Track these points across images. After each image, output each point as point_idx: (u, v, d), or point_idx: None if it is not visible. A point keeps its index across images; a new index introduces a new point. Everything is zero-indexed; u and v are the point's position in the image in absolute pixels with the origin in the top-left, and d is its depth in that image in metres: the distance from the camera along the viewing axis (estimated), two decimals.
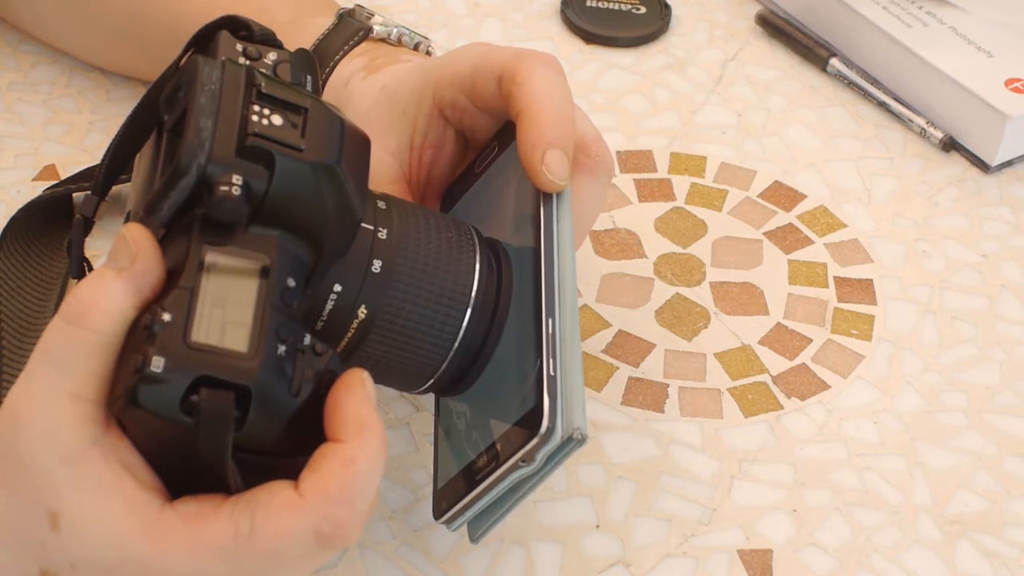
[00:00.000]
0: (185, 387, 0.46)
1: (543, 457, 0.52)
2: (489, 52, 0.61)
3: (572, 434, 0.51)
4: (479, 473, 0.53)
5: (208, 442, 0.47)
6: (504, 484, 0.53)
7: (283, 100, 0.51)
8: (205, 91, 0.50)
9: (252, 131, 0.50)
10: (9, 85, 0.80)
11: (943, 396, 0.69)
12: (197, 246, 0.49)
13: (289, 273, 0.50)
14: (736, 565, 0.62)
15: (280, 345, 0.48)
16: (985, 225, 0.78)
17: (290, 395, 0.48)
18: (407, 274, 0.54)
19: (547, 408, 0.51)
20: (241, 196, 0.49)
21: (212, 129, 0.49)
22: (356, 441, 0.48)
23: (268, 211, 0.50)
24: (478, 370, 0.56)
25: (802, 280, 0.74)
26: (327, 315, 0.54)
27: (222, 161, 0.49)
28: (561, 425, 0.51)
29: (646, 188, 0.78)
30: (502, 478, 0.52)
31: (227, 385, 0.47)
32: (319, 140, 0.51)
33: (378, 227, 0.54)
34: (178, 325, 0.47)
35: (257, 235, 0.50)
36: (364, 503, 0.48)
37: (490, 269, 0.56)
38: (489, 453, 0.53)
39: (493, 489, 0.53)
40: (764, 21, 0.89)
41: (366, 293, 0.54)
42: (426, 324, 0.55)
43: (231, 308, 0.48)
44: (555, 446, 0.52)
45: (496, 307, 0.56)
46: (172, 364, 0.46)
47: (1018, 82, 0.81)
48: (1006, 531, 0.64)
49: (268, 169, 0.49)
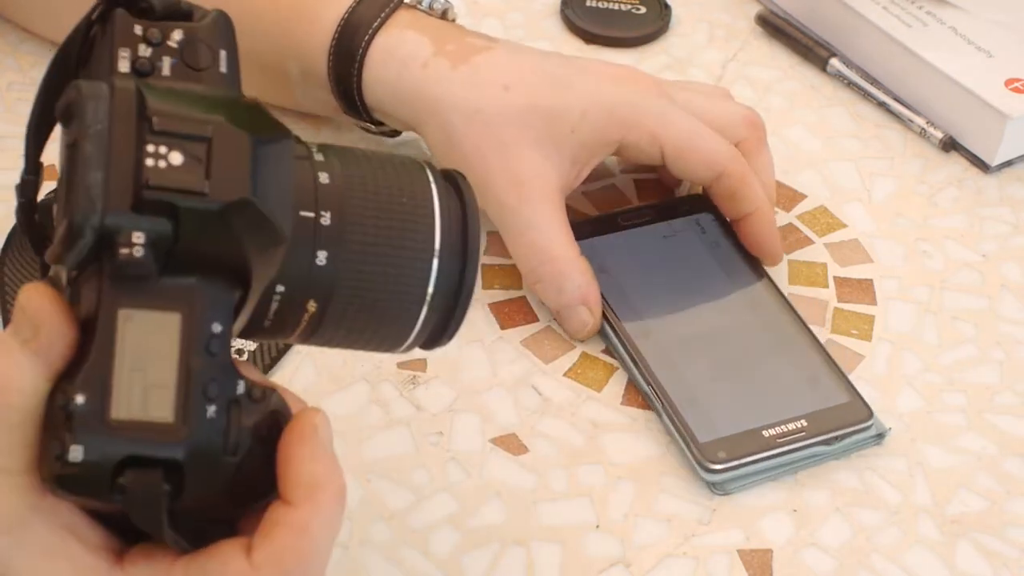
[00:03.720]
0: (110, 471, 0.44)
1: (850, 443, 0.66)
2: (702, 145, 0.71)
3: (883, 431, 0.67)
4: (776, 439, 0.64)
5: (141, 520, 0.45)
6: (800, 455, 0.65)
7: (181, 134, 0.45)
8: (91, 135, 0.45)
9: (147, 181, 0.45)
10: (9, 85, 0.80)
11: (943, 396, 0.69)
12: (108, 304, 0.45)
13: (214, 318, 0.46)
14: (736, 565, 0.62)
15: (209, 406, 0.45)
16: (985, 225, 0.78)
17: (226, 455, 0.46)
18: (357, 259, 0.50)
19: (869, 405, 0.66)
20: (145, 255, 0.45)
21: (103, 183, 0.44)
22: (308, 505, 0.46)
23: (180, 260, 0.46)
24: (461, 312, 0.52)
25: (802, 280, 0.74)
26: (272, 315, 0.49)
27: (118, 218, 0.44)
28: (876, 421, 0.66)
29: (646, 188, 0.78)
30: (803, 449, 0.65)
31: (154, 461, 0.45)
32: (226, 175, 0.46)
33: (320, 211, 0.49)
34: (95, 403, 0.44)
35: (172, 285, 0.46)
36: (320, 565, 0.47)
37: (451, 211, 0.51)
38: (788, 426, 0.65)
39: (787, 456, 0.65)
40: (764, 21, 0.89)
41: (313, 287, 0.49)
42: (384, 300, 0.50)
43: (151, 370, 0.45)
44: (868, 436, 0.66)
45: (465, 245, 0.51)
46: (92, 450, 0.44)
47: (1018, 82, 0.81)
48: (1006, 531, 0.64)
49: (171, 219, 0.45)
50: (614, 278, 0.71)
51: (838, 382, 0.67)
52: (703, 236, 0.74)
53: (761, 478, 0.65)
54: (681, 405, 0.66)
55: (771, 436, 0.65)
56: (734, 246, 0.73)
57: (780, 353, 0.69)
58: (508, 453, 0.65)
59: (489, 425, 0.66)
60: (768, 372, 0.68)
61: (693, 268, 0.72)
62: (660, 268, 0.72)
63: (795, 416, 0.66)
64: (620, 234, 0.73)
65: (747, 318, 0.70)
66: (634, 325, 0.69)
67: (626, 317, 0.69)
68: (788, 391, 0.67)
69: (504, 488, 0.64)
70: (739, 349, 0.69)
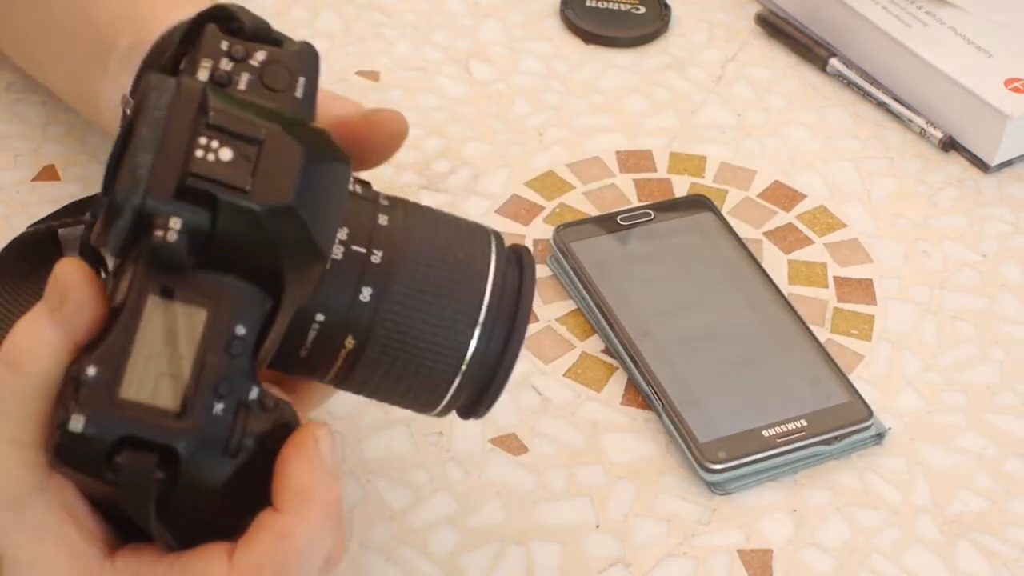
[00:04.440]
0: (108, 446, 0.45)
1: (850, 443, 0.65)
2: None
3: (883, 431, 0.67)
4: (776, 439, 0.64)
5: (131, 504, 0.45)
6: (800, 454, 0.65)
7: (235, 132, 0.46)
8: (149, 120, 0.46)
9: (193, 170, 0.45)
10: (8, 85, 0.80)
11: (943, 396, 0.69)
12: (139, 288, 0.46)
13: (239, 320, 0.46)
14: (736, 565, 0.62)
15: (218, 403, 0.45)
16: (985, 225, 0.78)
17: (225, 456, 0.46)
18: (401, 303, 0.49)
19: (870, 406, 0.66)
20: (179, 241, 0.45)
21: (150, 166, 0.45)
22: (294, 514, 0.46)
23: (215, 254, 0.46)
24: (499, 387, 0.52)
25: (802, 280, 0.74)
26: (310, 344, 0.49)
27: (159, 202, 0.45)
28: (876, 421, 0.66)
29: (646, 188, 0.78)
30: (802, 448, 0.64)
31: (152, 446, 0.45)
32: (271, 179, 0.46)
33: (372, 249, 0.49)
34: (106, 378, 0.45)
35: (205, 279, 0.46)
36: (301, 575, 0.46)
37: (505, 284, 0.51)
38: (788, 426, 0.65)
39: (787, 456, 0.64)
40: (764, 21, 0.89)
41: (353, 323, 0.49)
42: (422, 350, 0.50)
43: (168, 360, 0.45)
44: (868, 436, 0.66)
45: (515, 319, 0.51)
46: (94, 422, 0.44)
47: (1018, 82, 0.81)
48: (1006, 531, 0.64)
49: (211, 211, 0.45)
50: (614, 278, 0.71)
51: (838, 382, 0.67)
52: (703, 236, 0.74)
53: (761, 478, 0.65)
54: (681, 405, 0.66)
55: (771, 436, 0.65)
56: (734, 246, 0.73)
57: (780, 353, 0.69)
58: (508, 453, 0.65)
59: (489, 425, 0.66)
60: (768, 372, 0.68)
61: (693, 268, 0.72)
62: (660, 268, 0.72)
63: (795, 416, 0.66)
64: (620, 234, 0.73)
65: (747, 318, 0.70)
66: (634, 325, 0.69)
67: (626, 317, 0.69)
68: (788, 391, 0.67)
69: (504, 488, 0.64)
70: (739, 349, 0.69)
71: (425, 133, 0.80)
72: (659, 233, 0.74)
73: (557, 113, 0.83)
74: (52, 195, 0.75)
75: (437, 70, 0.85)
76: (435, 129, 0.81)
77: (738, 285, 0.72)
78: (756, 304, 0.71)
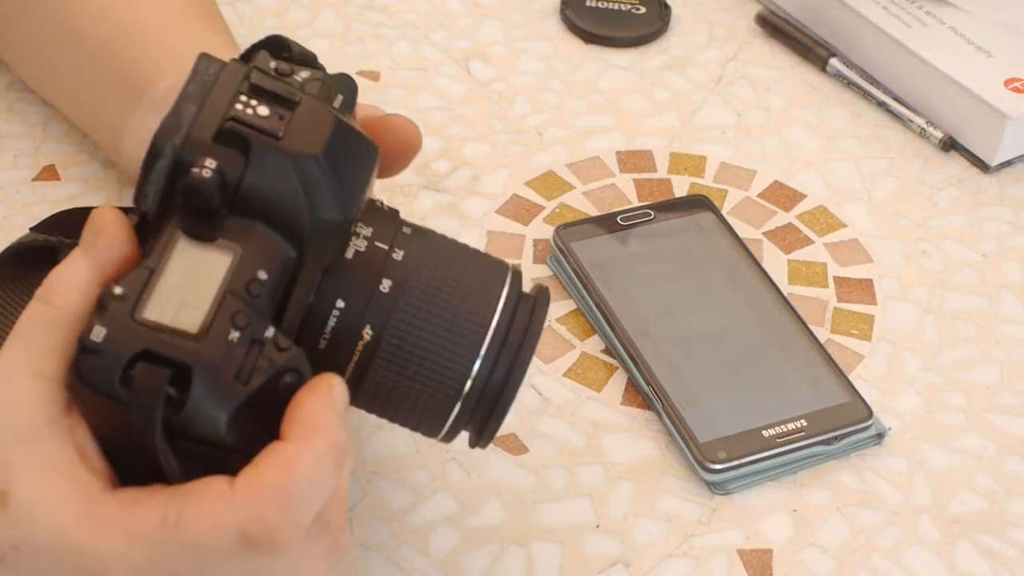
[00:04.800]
0: (125, 361, 0.46)
1: (850, 443, 0.66)
2: None
3: (883, 431, 0.67)
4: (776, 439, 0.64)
5: (138, 418, 0.46)
6: (800, 454, 0.65)
7: (274, 93, 0.50)
8: (196, 81, 0.50)
9: (231, 116, 0.49)
10: (9, 85, 0.80)
11: (943, 396, 0.69)
12: (171, 229, 0.48)
13: (261, 264, 0.48)
14: (736, 565, 0.62)
15: (234, 331, 0.47)
16: (985, 225, 0.78)
17: (236, 381, 0.47)
18: (418, 297, 0.52)
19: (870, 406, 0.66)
20: (213, 180, 0.48)
21: (194, 114, 0.49)
22: (301, 442, 0.47)
23: (244, 200, 0.49)
24: (500, 414, 0.53)
25: (802, 280, 0.74)
26: (330, 332, 0.51)
27: (197, 144, 0.49)
28: (877, 421, 0.66)
29: (646, 188, 0.78)
30: (803, 448, 0.65)
31: (167, 362, 0.46)
32: (302, 132, 0.49)
33: (394, 248, 0.52)
34: (129, 300, 0.47)
35: (233, 224, 0.49)
36: (301, 510, 0.46)
37: (515, 310, 0.53)
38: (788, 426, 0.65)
39: (787, 456, 0.64)
40: (764, 21, 0.89)
41: (372, 313, 0.51)
42: (434, 353, 0.52)
43: (190, 292, 0.47)
44: (868, 436, 0.66)
45: (520, 349, 0.53)
46: (113, 336, 0.46)
47: (1018, 82, 0.81)
48: (1006, 531, 0.64)
49: (244, 155, 0.49)
50: (614, 278, 0.71)
51: (838, 382, 0.67)
52: (703, 236, 0.74)
53: (761, 478, 0.65)
54: (681, 405, 0.66)
55: (771, 436, 0.65)
56: (734, 246, 0.73)
57: (780, 353, 0.69)
58: (508, 453, 0.65)
59: None
60: (768, 372, 0.68)
61: (693, 268, 0.72)
62: (660, 268, 0.72)
63: (795, 416, 0.66)
64: (620, 234, 0.74)
65: (747, 318, 0.70)
66: (634, 325, 0.69)
67: (626, 317, 0.69)
68: (788, 391, 0.67)
69: (504, 488, 0.64)
70: (739, 349, 0.69)
71: (425, 133, 0.80)
72: (659, 233, 0.74)
73: (557, 113, 0.83)
74: (52, 195, 0.75)
75: (437, 70, 0.85)
76: (435, 129, 0.81)
77: (738, 285, 0.72)
78: (756, 304, 0.71)
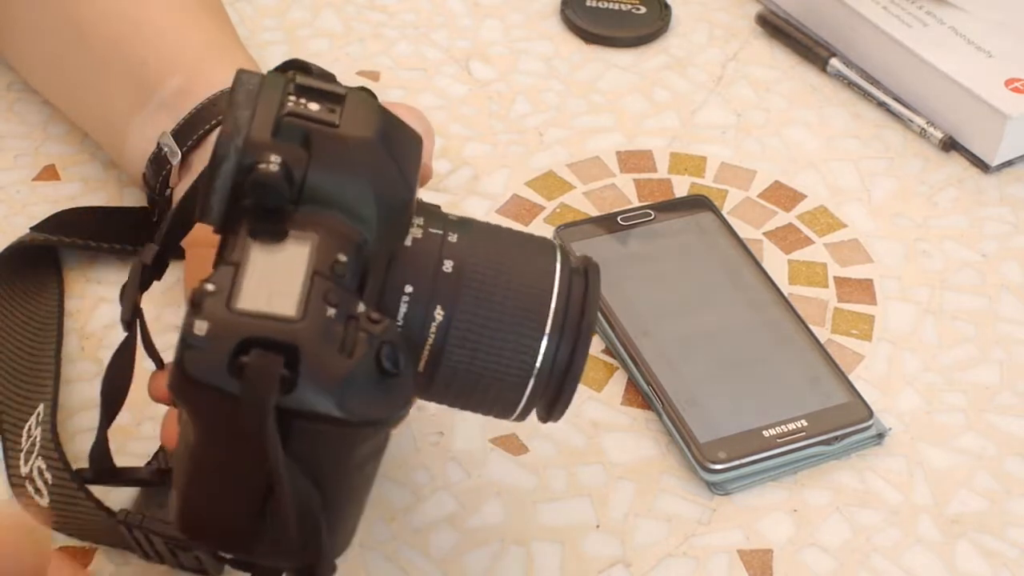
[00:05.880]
0: (231, 349, 0.46)
1: (850, 443, 0.66)
2: None
3: (883, 431, 0.67)
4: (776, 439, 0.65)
5: (252, 404, 0.45)
6: (800, 454, 0.65)
7: (320, 90, 0.51)
8: (242, 90, 0.51)
9: (288, 111, 0.50)
10: (9, 85, 0.80)
11: (943, 396, 0.69)
12: (244, 231, 0.49)
13: (339, 249, 0.49)
14: (736, 565, 0.62)
15: (329, 308, 0.47)
16: (985, 225, 0.78)
17: (342, 354, 0.47)
18: (482, 273, 0.53)
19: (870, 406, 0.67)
20: (280, 173, 0.49)
21: (249, 118, 0.50)
22: None
23: (311, 191, 0.50)
24: (571, 386, 0.54)
25: (802, 280, 0.74)
26: (402, 318, 0.52)
27: (259, 143, 0.49)
28: (877, 421, 0.66)
29: (646, 188, 0.78)
30: (803, 448, 0.65)
31: (274, 345, 0.46)
32: (355, 119, 0.51)
33: (448, 233, 0.54)
34: (223, 294, 0.47)
35: (304, 215, 0.49)
36: None
37: (571, 279, 0.54)
38: (788, 426, 0.65)
39: (787, 456, 0.65)
40: (764, 21, 0.89)
41: (440, 293, 0.53)
42: (505, 328, 0.53)
43: (278, 281, 0.48)
44: (868, 436, 0.66)
45: (582, 320, 0.54)
46: (215, 328, 0.46)
47: (1018, 82, 0.81)
48: (1006, 531, 0.64)
49: (305, 148, 0.50)
50: (614, 278, 0.71)
51: (838, 382, 0.67)
52: (703, 236, 0.74)
53: (761, 478, 0.65)
54: (681, 405, 0.66)
55: (771, 436, 0.65)
56: (734, 246, 0.73)
57: (780, 353, 0.69)
58: (508, 453, 0.65)
59: (489, 425, 0.66)
60: (768, 372, 0.68)
61: (693, 268, 0.72)
62: (660, 268, 0.72)
63: (795, 416, 0.66)
64: (620, 234, 0.74)
65: (747, 318, 0.70)
66: (634, 325, 0.69)
67: (626, 317, 0.69)
68: (788, 391, 0.67)
69: (504, 488, 0.64)
70: (739, 349, 0.69)
71: None
72: (659, 233, 0.74)
73: (557, 113, 0.83)
74: (52, 195, 0.75)
75: (437, 70, 0.85)
76: (435, 129, 0.80)
77: (738, 285, 0.72)
78: (756, 304, 0.71)
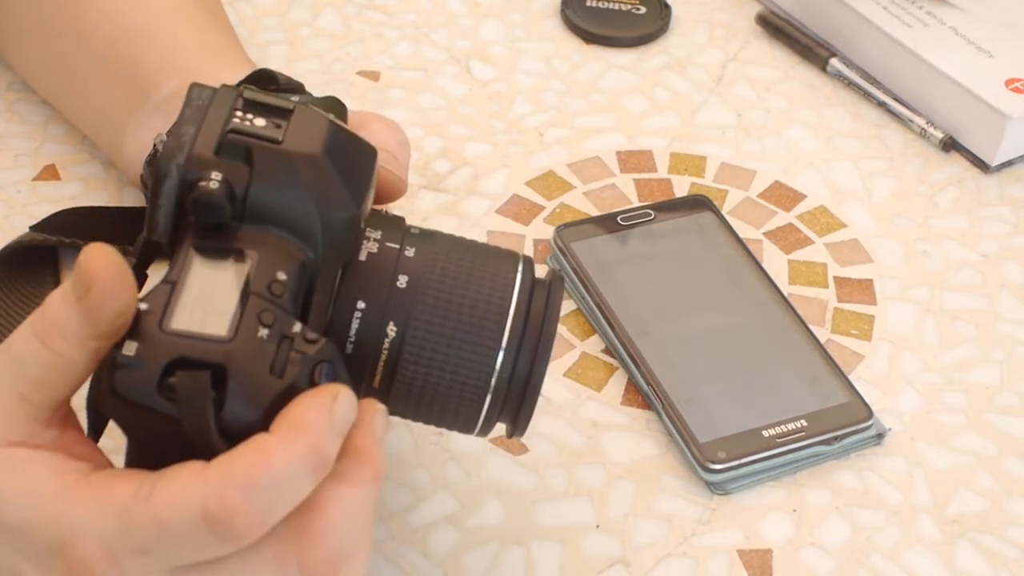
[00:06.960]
0: (160, 370, 0.46)
1: (850, 443, 0.66)
2: None
3: (883, 431, 0.67)
4: (776, 439, 0.64)
5: (191, 422, 0.46)
6: (800, 455, 0.65)
7: (268, 104, 0.51)
8: (192, 106, 0.51)
9: (231, 129, 0.50)
10: (9, 85, 0.80)
11: (943, 396, 0.69)
12: (186, 247, 0.49)
13: (279, 267, 0.49)
14: (736, 565, 0.62)
15: (262, 328, 0.47)
16: (985, 225, 0.78)
17: (272, 375, 0.47)
18: (436, 289, 0.53)
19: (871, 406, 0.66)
20: (221, 191, 0.49)
21: (193, 135, 0.50)
22: (280, 436, 0.46)
23: (254, 208, 0.50)
24: (530, 401, 0.54)
25: (802, 280, 0.74)
26: (355, 335, 0.52)
27: (200, 160, 0.49)
28: (877, 421, 0.67)
29: (646, 188, 0.78)
30: (802, 449, 0.65)
31: (202, 365, 0.46)
32: (300, 135, 0.51)
33: (405, 247, 0.53)
34: (155, 314, 0.47)
35: (247, 232, 0.50)
36: (264, 500, 0.46)
37: (533, 292, 0.54)
38: (788, 426, 0.65)
39: (787, 456, 0.64)
40: (764, 21, 0.89)
41: (393, 309, 0.52)
42: (460, 340, 0.53)
43: (214, 300, 0.48)
44: (868, 436, 0.66)
45: (541, 334, 0.54)
46: (145, 349, 0.46)
47: (1018, 82, 0.81)
48: (1006, 531, 0.64)
49: (248, 164, 0.50)
50: (614, 278, 0.71)
51: (838, 382, 0.67)
52: (703, 236, 0.74)
53: (761, 478, 0.65)
54: (681, 405, 0.66)
55: (771, 436, 0.65)
56: (734, 246, 0.73)
57: (780, 353, 0.69)
58: (508, 453, 0.65)
59: None
60: (768, 372, 0.68)
61: (693, 268, 0.72)
62: (660, 268, 0.72)
63: (795, 416, 0.66)
64: (620, 234, 0.74)
65: (747, 318, 0.70)
66: (634, 325, 0.69)
67: (626, 317, 0.69)
68: (788, 391, 0.67)
69: (504, 488, 0.64)
70: (739, 349, 0.69)
71: (425, 133, 0.80)
72: (659, 233, 0.74)
73: (557, 113, 0.83)
74: (52, 195, 0.75)
75: (437, 70, 0.85)
76: (435, 129, 0.81)
77: (738, 285, 0.72)
78: (756, 304, 0.71)
